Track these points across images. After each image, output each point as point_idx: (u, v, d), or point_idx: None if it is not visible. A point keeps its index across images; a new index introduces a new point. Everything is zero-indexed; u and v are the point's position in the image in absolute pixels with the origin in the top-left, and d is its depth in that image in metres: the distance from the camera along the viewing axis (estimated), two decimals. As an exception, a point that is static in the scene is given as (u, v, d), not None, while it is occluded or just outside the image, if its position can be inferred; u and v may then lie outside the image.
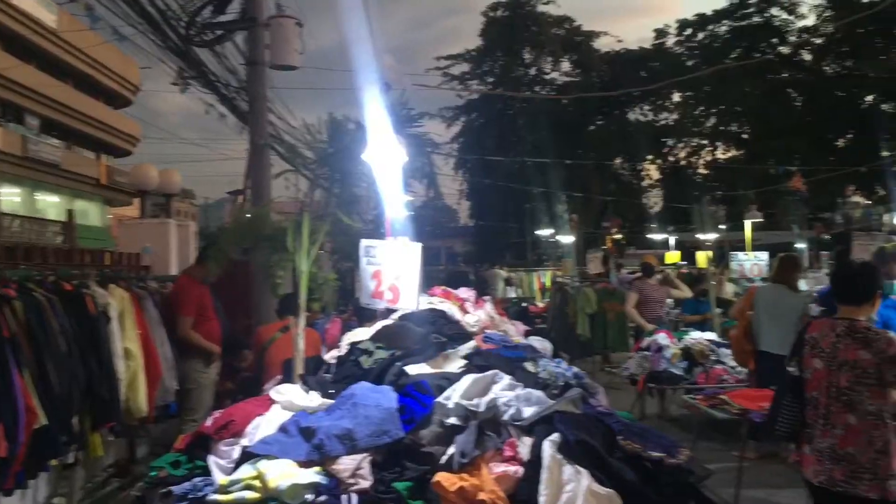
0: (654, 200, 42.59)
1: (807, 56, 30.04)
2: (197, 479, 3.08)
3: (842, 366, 3.92)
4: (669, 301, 12.22)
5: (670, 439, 3.43)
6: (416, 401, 3.29)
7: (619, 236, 35.05)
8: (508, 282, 22.01)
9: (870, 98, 27.34)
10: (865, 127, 24.44)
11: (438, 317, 4.47)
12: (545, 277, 22.17)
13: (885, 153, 22.92)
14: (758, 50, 29.05)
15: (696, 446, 7.24)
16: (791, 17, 29.73)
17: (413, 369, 3.72)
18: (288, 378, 4.23)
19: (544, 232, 31.62)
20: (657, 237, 31.19)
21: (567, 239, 25.85)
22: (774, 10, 29.89)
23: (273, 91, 9.96)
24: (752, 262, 12.81)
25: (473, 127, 40.68)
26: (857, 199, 26.56)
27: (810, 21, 28.84)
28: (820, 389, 4.02)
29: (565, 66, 40.27)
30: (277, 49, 8.42)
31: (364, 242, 4.66)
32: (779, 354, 7.27)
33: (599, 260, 16.22)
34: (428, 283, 6.73)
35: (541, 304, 18.54)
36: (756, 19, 30.21)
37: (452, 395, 3.32)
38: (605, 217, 38.74)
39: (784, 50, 30.12)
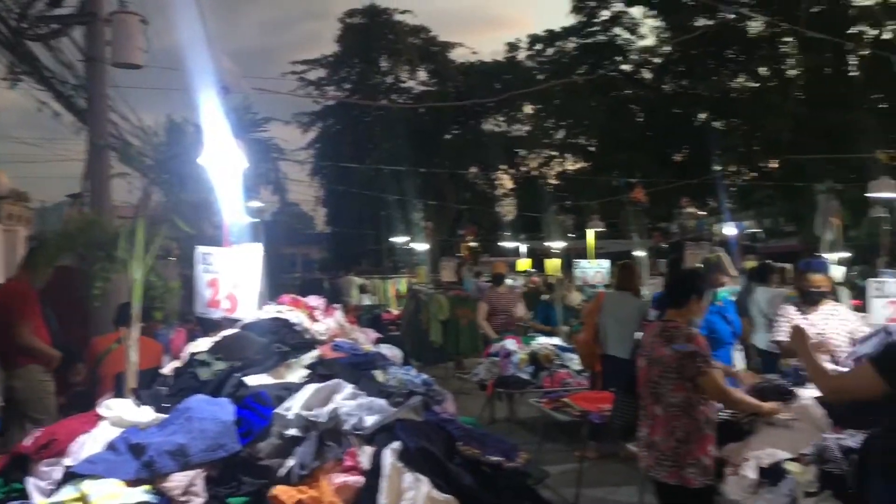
0: (508, 209, 43.68)
1: (647, 74, 31.74)
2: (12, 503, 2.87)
3: (654, 362, 4.25)
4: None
5: (509, 443, 3.53)
6: (255, 412, 3.21)
7: (474, 244, 35.72)
8: (363, 289, 21.94)
9: (703, 116, 29.19)
10: (700, 143, 26.02)
11: (281, 326, 4.38)
12: (400, 285, 22.26)
13: (716, 168, 24.52)
14: (603, 67, 30.43)
15: (542, 448, 7.48)
16: (633, 37, 31.38)
17: (253, 380, 3.62)
18: (120, 392, 4.02)
19: (400, 239, 31.78)
20: (510, 245, 32.00)
21: (422, 246, 26.08)
22: (618, 30, 31.41)
23: (115, 90, 9.48)
24: (595, 269, 13.37)
25: (330, 133, 40.30)
26: (692, 210, 28.36)
27: (650, 41, 30.56)
28: (642, 385, 4.35)
29: (422, 75, 40.72)
30: (119, 46, 8.00)
31: (200, 249, 4.49)
32: (622, 358, 7.67)
33: (453, 267, 16.46)
34: (282, 291, 6.60)
35: (395, 312, 18.60)
36: (601, 37, 31.63)
37: (293, 406, 3.27)
38: (460, 225, 39.38)
39: (626, 68, 31.71)
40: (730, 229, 22.09)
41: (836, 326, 5.56)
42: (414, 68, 40.30)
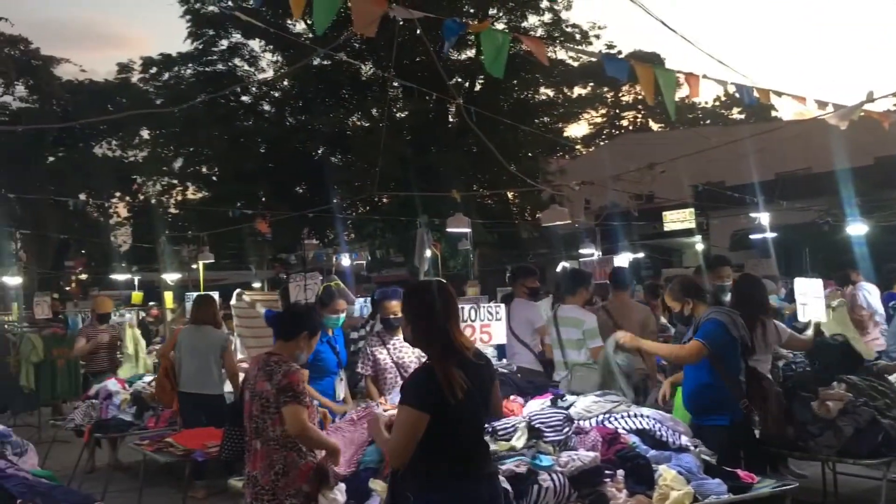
0: (123, 238, 41.22)
1: (268, 107, 31.96)
2: None
3: (255, 396, 4.29)
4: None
5: (81, 494, 3.33)
6: None
7: (84, 276, 32.97)
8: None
9: (321, 150, 30.24)
10: (319, 176, 26.84)
11: None
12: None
13: (335, 200, 25.56)
14: (223, 97, 29.97)
15: (145, 493, 7.14)
16: (252, 70, 31.42)
17: None
18: None
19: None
20: (122, 277, 29.87)
21: (14, 280, 23.28)
22: (237, 61, 31.23)
23: None
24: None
25: None
26: (312, 241, 29.25)
27: (269, 74, 30.84)
28: (246, 418, 4.38)
29: (21, 90, 36.48)
30: None
31: None
32: (196, 393, 7.63)
33: (47, 302, 14.95)
34: None
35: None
36: (220, 67, 31.16)
37: None
38: (66, 256, 36.11)
39: (247, 99, 31.59)
40: (346, 260, 23.23)
41: (412, 353, 6.04)
42: (11, 82, 36.03)
